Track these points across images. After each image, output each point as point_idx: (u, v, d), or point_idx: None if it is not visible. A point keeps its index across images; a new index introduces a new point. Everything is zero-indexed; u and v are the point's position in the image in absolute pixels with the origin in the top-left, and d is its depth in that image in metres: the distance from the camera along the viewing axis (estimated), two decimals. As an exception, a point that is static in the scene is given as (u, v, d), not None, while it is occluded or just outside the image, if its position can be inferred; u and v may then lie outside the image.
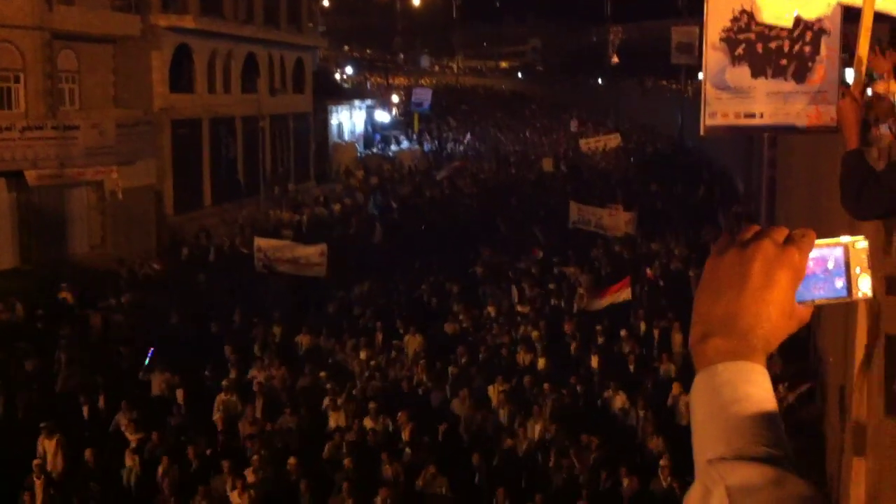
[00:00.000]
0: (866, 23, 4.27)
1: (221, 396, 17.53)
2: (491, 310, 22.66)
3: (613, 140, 52.13)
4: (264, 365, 19.31)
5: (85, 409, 17.59)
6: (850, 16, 4.70)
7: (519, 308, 22.88)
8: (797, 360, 15.98)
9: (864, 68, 4.36)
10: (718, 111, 5.08)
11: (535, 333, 20.36)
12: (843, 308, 8.71)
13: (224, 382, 18.11)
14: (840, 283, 1.43)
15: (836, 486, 9.24)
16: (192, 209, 36.70)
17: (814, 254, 1.43)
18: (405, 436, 15.78)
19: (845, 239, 1.44)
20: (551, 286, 24.21)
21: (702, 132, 5.30)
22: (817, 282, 1.43)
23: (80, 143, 29.15)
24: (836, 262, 1.43)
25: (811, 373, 15.51)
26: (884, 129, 6.54)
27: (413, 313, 22.57)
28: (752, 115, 5.06)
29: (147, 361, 19.08)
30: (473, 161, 51.99)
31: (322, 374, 18.71)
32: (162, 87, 35.17)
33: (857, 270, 1.43)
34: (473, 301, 23.61)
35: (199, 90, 38.16)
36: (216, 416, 17.00)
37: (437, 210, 36.68)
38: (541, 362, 19.04)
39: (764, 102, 5.01)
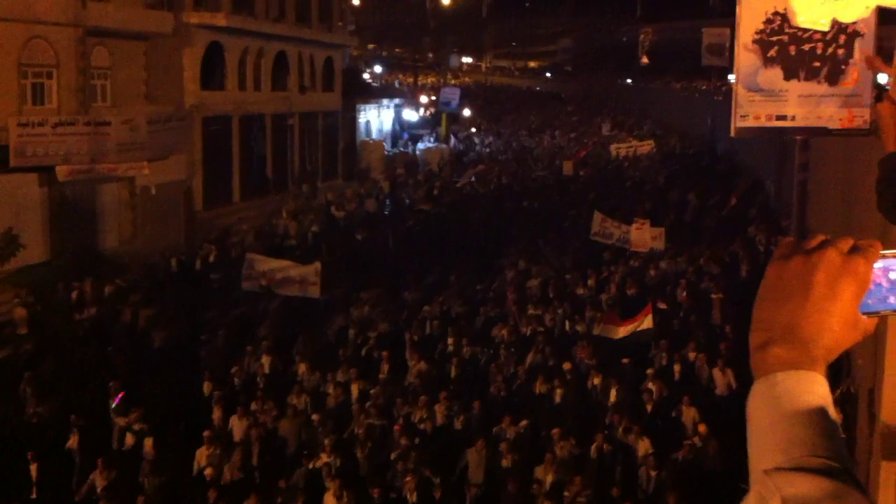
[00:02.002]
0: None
1: (203, 450, 15.08)
2: (500, 333, 20.29)
3: (645, 146, 51.21)
4: (256, 407, 16.82)
5: (34, 469, 14.93)
6: (885, 18, 4.67)
7: (528, 330, 20.67)
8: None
9: None
10: (750, 113, 5.06)
11: (566, 365, 18.15)
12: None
13: (206, 433, 15.41)
14: None
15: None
16: (222, 205, 36.96)
17: (879, 264, 1.40)
18: (411, 497, 14.04)
19: None
20: (560, 308, 21.84)
21: (732, 133, 5.28)
22: (883, 293, 1.40)
23: (112, 138, 29.38)
24: None
25: (843, 374, 15.19)
26: None
27: (419, 338, 20.25)
28: (784, 118, 5.04)
29: (114, 405, 16.64)
30: (499, 164, 50.23)
31: (315, 416, 16.38)
32: (193, 83, 35.44)
33: None
34: (477, 324, 21.49)
35: (229, 87, 38.39)
36: (206, 472, 14.69)
37: (451, 219, 33.89)
38: (558, 394, 17.19)
39: (796, 104, 4.98)
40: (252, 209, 37.06)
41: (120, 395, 16.74)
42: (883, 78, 4.92)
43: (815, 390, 1.33)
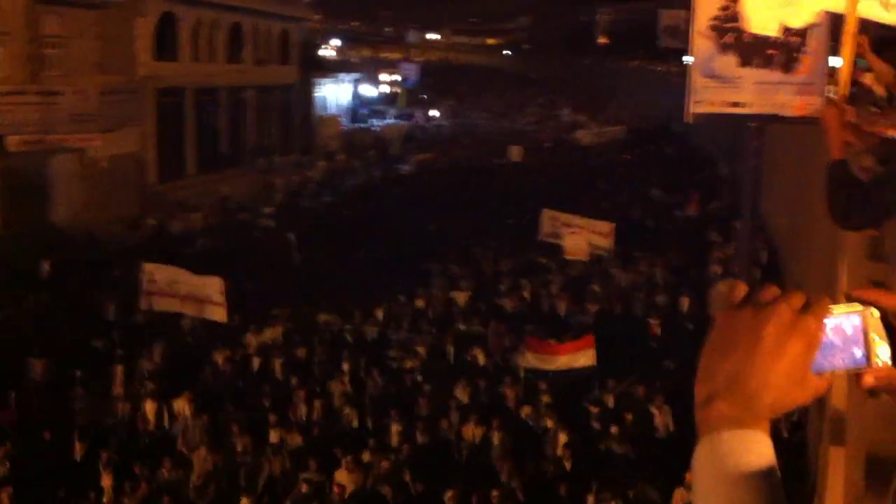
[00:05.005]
0: (850, 29, 4.30)
1: None
2: (410, 362, 17.11)
3: (611, 132, 50.18)
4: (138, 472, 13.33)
5: None
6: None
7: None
8: None
9: (848, 76, 4.39)
10: (705, 99, 5.08)
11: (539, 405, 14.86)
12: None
13: None
14: (859, 351, 1.37)
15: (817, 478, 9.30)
16: (175, 178, 36.52)
17: (831, 322, 1.37)
18: None
19: (860, 307, 1.38)
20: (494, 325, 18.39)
21: (687, 119, 5.30)
22: (835, 351, 1.37)
23: (63, 109, 28.90)
24: (853, 330, 1.37)
25: None
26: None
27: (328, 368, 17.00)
28: (739, 104, 5.06)
29: None
30: (447, 151, 47.88)
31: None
32: (145, 54, 34.90)
33: (876, 338, 1.37)
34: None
35: (183, 59, 37.87)
36: None
37: (380, 216, 30.36)
38: (496, 439, 14.09)
39: (751, 92, 5.01)
40: (207, 184, 36.67)
41: None
42: (834, 61, 4.97)
43: (759, 450, 1.33)
